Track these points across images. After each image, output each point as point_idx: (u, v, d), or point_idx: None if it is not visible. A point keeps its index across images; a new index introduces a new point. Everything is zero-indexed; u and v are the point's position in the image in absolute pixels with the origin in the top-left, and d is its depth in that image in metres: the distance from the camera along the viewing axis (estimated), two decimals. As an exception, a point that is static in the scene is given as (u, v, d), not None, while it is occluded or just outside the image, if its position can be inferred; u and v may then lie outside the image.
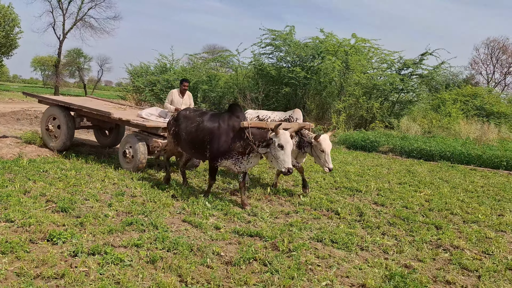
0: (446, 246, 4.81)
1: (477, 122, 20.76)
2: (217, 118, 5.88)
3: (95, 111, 7.95)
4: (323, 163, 6.30)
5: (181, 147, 6.33)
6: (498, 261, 4.42)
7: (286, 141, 5.31)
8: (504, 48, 32.85)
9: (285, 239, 4.47)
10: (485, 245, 4.92)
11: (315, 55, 19.38)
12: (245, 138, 5.55)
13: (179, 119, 6.28)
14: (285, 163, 5.28)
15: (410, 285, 3.56)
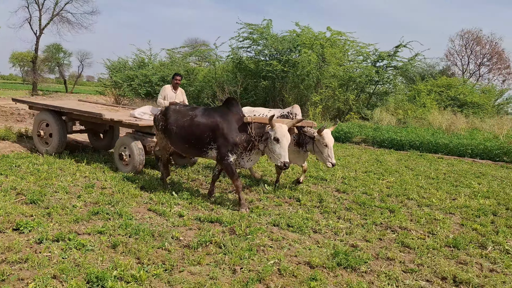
0: (395, 227, 5.18)
1: (450, 112, 21.35)
2: (214, 113, 5.70)
3: (86, 113, 7.83)
4: (325, 158, 6.17)
5: (172, 142, 6.05)
6: (439, 240, 4.79)
7: (282, 135, 5.23)
8: (478, 40, 33.70)
9: (243, 224, 4.77)
10: (431, 226, 5.30)
11: (291, 48, 19.67)
12: (248, 133, 5.47)
13: (168, 113, 6.01)
14: (281, 157, 5.19)
15: (351, 261, 3.89)
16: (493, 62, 33.75)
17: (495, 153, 12.01)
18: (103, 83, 21.84)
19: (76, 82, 51.64)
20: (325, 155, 6.16)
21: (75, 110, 7.96)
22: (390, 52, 21.08)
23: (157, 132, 6.27)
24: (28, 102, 9.09)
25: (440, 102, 24.51)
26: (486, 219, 5.82)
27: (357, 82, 20.10)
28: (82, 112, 7.90)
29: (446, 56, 35.37)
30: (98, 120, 7.83)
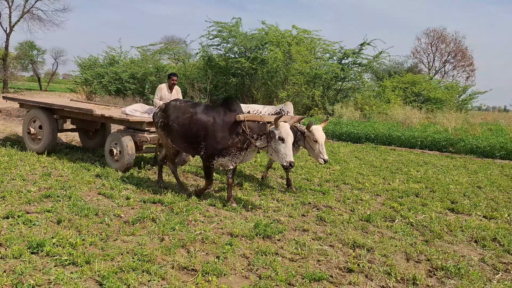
0: (320, 206, 5.81)
1: (410, 107, 22.30)
2: (212, 112, 5.58)
3: (76, 110, 7.84)
4: (317, 154, 6.13)
5: (172, 140, 5.93)
6: (356, 215, 5.44)
7: (287, 134, 5.19)
8: (443, 38, 35.01)
9: (181, 203, 5.33)
10: (354, 205, 5.96)
11: (259, 46, 20.26)
12: (241, 132, 5.38)
13: (169, 109, 5.90)
14: (286, 156, 5.15)
15: (268, 232, 4.49)
16: (457, 59, 35.16)
17: (442, 144, 12.85)
18: (74, 80, 22.04)
19: (51, 80, 51.12)
20: (316, 151, 6.12)
21: (65, 106, 7.99)
22: (355, 50, 21.88)
23: (157, 129, 6.18)
24: (19, 100, 9.13)
25: (405, 98, 25.53)
26: (407, 199, 6.52)
27: (323, 79, 20.82)
28: (73, 108, 7.91)
29: (413, 54, 36.65)
30: (88, 117, 7.86)
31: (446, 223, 5.31)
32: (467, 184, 7.96)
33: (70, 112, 8.06)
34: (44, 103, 8.33)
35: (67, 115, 8.29)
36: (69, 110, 7.94)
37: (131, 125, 7.38)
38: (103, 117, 7.54)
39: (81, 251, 3.70)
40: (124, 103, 15.82)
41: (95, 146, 9.28)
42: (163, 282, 3.29)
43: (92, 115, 7.60)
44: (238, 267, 3.66)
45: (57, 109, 8.09)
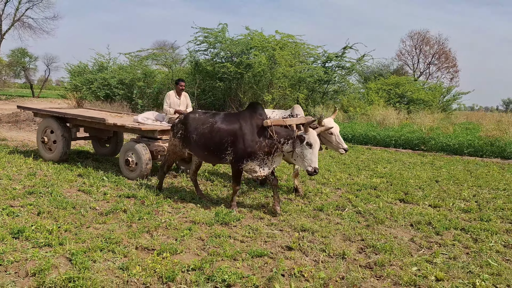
0: (281, 198, 6.38)
1: (391, 108, 23.01)
2: (237, 118, 5.69)
3: (89, 119, 7.89)
4: (336, 145, 6.18)
5: (192, 150, 6.01)
6: (311, 206, 6.03)
7: (315, 140, 5.25)
8: (427, 40, 35.87)
9: (152, 197, 5.90)
10: (314, 197, 6.55)
11: (245, 51, 20.86)
12: (269, 137, 5.46)
13: (188, 121, 5.97)
14: (312, 162, 5.21)
15: (227, 219, 5.07)
16: (441, 61, 36.01)
17: (415, 143, 13.50)
18: (64, 86, 22.54)
19: (43, 86, 51.50)
20: (335, 143, 6.17)
21: (78, 116, 8.09)
22: (338, 53, 22.56)
23: (173, 139, 6.18)
24: (33, 109, 9.28)
25: (388, 99, 26.26)
26: (364, 191, 7.11)
27: (307, 82, 21.46)
28: (86, 117, 7.97)
29: (398, 56, 37.50)
30: (101, 126, 7.90)
31: (390, 211, 5.90)
32: (426, 178, 8.57)
33: (83, 121, 8.14)
34: (58, 112, 8.43)
35: (80, 124, 8.37)
36: (82, 119, 8.04)
37: (143, 134, 7.37)
38: (115, 126, 7.56)
39: (56, 235, 4.25)
40: (111, 108, 16.36)
41: (108, 153, 9.38)
42: (125, 259, 3.85)
43: (104, 123, 7.64)
44: (193, 247, 4.23)
45: (70, 118, 8.20)
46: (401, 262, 4.08)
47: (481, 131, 14.38)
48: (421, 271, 3.87)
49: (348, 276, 3.68)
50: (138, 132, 7.47)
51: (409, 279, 3.66)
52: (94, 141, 9.63)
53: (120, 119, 8.28)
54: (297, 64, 22.14)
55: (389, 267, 3.93)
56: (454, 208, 6.32)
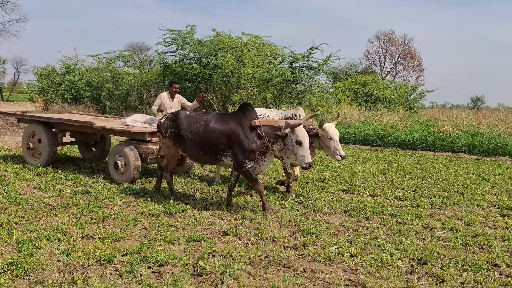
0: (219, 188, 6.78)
1: (364, 107, 23.78)
2: (231, 118, 5.69)
3: (76, 123, 7.81)
4: (333, 151, 6.18)
5: (184, 149, 5.89)
6: (257, 198, 6.44)
7: (303, 136, 5.31)
8: (392, 40, 37.03)
9: (105, 193, 6.21)
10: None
11: (212, 52, 21.20)
12: (258, 136, 5.51)
13: (179, 119, 5.85)
14: (305, 158, 5.28)
15: (172, 210, 5.43)
16: (406, 60, 37.23)
17: (373, 139, 14.12)
18: (31, 89, 22.40)
19: (13, 89, 50.53)
20: (332, 149, 6.17)
21: (64, 120, 7.98)
22: (305, 54, 23.15)
23: (164, 140, 6.01)
24: (17, 115, 9.20)
25: (356, 98, 27.05)
26: (311, 184, 7.58)
27: (274, 82, 21.95)
28: (72, 121, 7.88)
29: (365, 56, 38.56)
30: (88, 129, 7.80)
31: (330, 200, 6.37)
32: (374, 171, 9.11)
33: (69, 125, 8.04)
34: (43, 117, 8.35)
35: (66, 128, 8.29)
36: (69, 123, 7.95)
37: (133, 136, 7.27)
38: (103, 129, 7.48)
39: (5, 227, 4.53)
40: (76, 109, 16.46)
41: (95, 158, 9.28)
42: (69, 246, 4.17)
43: (92, 127, 7.55)
44: (135, 234, 4.58)
45: (57, 122, 8.09)
46: (324, 242, 4.53)
47: (435, 127, 15.12)
48: (339, 249, 4.33)
49: (272, 254, 4.09)
50: (127, 135, 7.34)
51: (326, 255, 4.11)
52: (80, 146, 9.52)
53: (108, 122, 8.16)
54: (265, 65, 22.62)
55: (312, 247, 4.37)
56: (391, 196, 6.84)
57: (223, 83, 21.36)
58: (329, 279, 3.65)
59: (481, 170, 9.66)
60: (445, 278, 3.70)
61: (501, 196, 7.12)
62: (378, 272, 3.80)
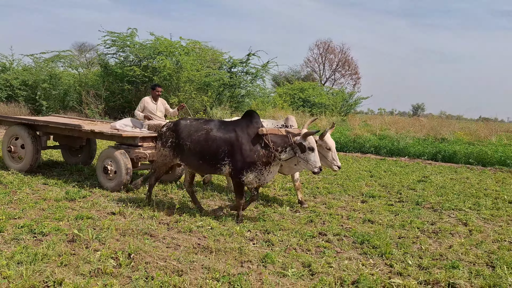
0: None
1: (301, 111, 25.20)
2: (233, 126, 5.58)
3: (63, 125, 7.49)
4: (331, 162, 6.15)
5: (184, 159, 5.80)
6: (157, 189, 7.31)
7: (314, 143, 5.36)
8: (331, 49, 39.23)
9: (16, 183, 6.87)
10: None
11: (152, 55, 21.83)
12: (264, 145, 5.40)
13: (179, 128, 5.78)
14: (316, 163, 5.32)
15: (75, 196, 6.20)
16: (344, 68, 39.51)
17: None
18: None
19: None
20: (330, 159, 6.14)
21: (51, 122, 7.70)
22: (243, 60, 24.27)
23: (162, 148, 5.94)
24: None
25: (292, 103, 28.53)
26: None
27: (212, 86, 22.89)
28: (59, 124, 7.57)
29: (306, 63, 40.55)
30: (75, 133, 7.55)
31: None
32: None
33: (55, 128, 7.71)
34: (27, 119, 8.08)
35: (51, 131, 7.96)
36: (55, 126, 7.64)
37: (123, 141, 7.05)
38: (92, 132, 7.26)
39: None
40: (7, 108, 16.60)
41: (79, 162, 8.95)
42: (-32, 222, 4.86)
43: (80, 130, 7.34)
44: (32, 214, 5.32)
45: (41, 125, 7.81)
46: (193, 220, 5.48)
47: (351, 130, 16.62)
48: (202, 224, 5.30)
49: (145, 228, 4.99)
50: (117, 139, 7.14)
51: (189, 228, 5.07)
52: (64, 150, 9.17)
53: (97, 126, 7.98)
54: (204, 69, 23.51)
55: (182, 223, 5.31)
56: (278, 188, 7.94)
57: (163, 86, 22.04)
58: (182, 243, 4.60)
59: (376, 168, 11.04)
60: (273, 242, 4.76)
61: (374, 187, 8.43)
62: (225, 239, 4.80)
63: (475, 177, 10.61)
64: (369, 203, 7.13)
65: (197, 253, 4.31)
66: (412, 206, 6.99)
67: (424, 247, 4.94)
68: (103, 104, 21.29)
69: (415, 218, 6.16)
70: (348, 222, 5.85)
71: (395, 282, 3.86)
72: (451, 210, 6.91)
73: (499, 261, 4.50)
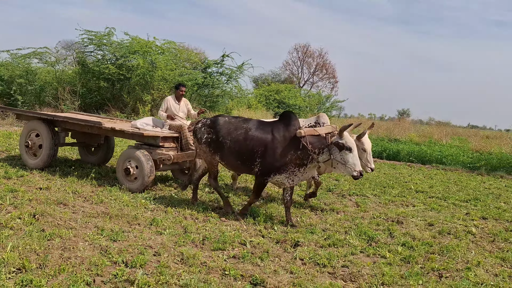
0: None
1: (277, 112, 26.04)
2: (270, 127, 5.44)
3: (83, 122, 7.34)
4: (364, 163, 5.87)
5: (222, 157, 5.65)
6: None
7: (352, 143, 5.10)
8: (309, 53, 40.30)
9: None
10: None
11: (127, 54, 22.57)
12: (301, 148, 5.22)
13: (217, 125, 5.64)
14: (355, 166, 5.01)
15: (13, 175, 6.95)
16: (323, 72, 40.58)
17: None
18: None
19: None
20: (364, 160, 5.85)
21: (70, 118, 7.54)
22: (217, 61, 25.11)
23: (200, 145, 5.85)
24: (15, 110, 8.85)
25: (268, 104, 29.39)
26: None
27: (186, 85, 23.67)
28: (79, 121, 7.44)
29: (284, 66, 41.64)
30: (95, 130, 7.36)
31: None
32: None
33: (74, 124, 7.55)
34: (46, 114, 7.95)
35: (70, 127, 7.76)
36: (74, 122, 7.48)
37: (144, 140, 6.87)
38: (113, 130, 7.07)
39: None
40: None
41: (96, 161, 8.74)
42: None
43: (100, 128, 7.13)
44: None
45: (60, 121, 7.62)
46: (115, 195, 6.27)
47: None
48: (115, 198, 6.08)
49: (62, 199, 5.75)
50: (138, 138, 6.96)
51: (100, 200, 5.84)
52: (81, 148, 8.98)
53: (118, 124, 7.77)
54: (178, 69, 24.29)
55: (97, 197, 6.08)
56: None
57: (138, 84, 22.79)
58: (88, 210, 5.37)
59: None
60: (168, 212, 5.56)
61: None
62: (128, 209, 5.56)
63: (408, 172, 11.52)
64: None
65: (96, 217, 5.09)
66: (324, 192, 7.81)
67: (304, 220, 5.77)
68: (79, 101, 21.96)
69: (316, 201, 6.99)
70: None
71: (254, 241, 4.68)
72: (355, 195, 7.76)
73: (353, 231, 5.35)
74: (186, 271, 3.74)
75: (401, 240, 5.07)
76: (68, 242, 4.20)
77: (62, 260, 3.74)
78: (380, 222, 5.95)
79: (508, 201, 8.30)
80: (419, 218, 6.39)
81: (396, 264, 4.35)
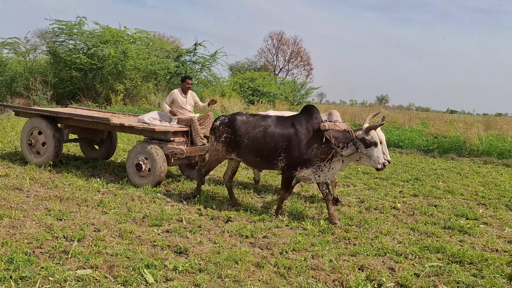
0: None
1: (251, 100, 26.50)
2: (291, 121, 5.53)
3: (89, 118, 7.13)
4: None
5: (241, 155, 5.75)
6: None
7: (376, 137, 5.23)
8: (284, 41, 40.71)
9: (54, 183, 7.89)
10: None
11: (98, 44, 22.62)
12: (325, 142, 5.30)
13: (236, 124, 5.69)
14: (379, 159, 5.20)
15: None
16: (298, 60, 41.08)
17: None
18: None
19: None
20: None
21: (75, 115, 7.38)
22: (190, 49, 25.34)
23: (216, 143, 5.88)
24: (15, 107, 8.65)
25: (243, 92, 29.77)
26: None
27: (158, 74, 23.89)
28: (84, 117, 7.22)
29: (260, 54, 41.98)
30: (101, 126, 7.23)
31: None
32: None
33: (79, 121, 7.38)
34: (49, 111, 7.72)
35: (75, 124, 7.57)
36: (79, 119, 7.31)
37: (155, 135, 6.78)
38: (121, 126, 6.94)
39: None
40: None
41: (99, 156, 8.66)
42: None
43: (108, 124, 7.01)
44: None
45: (64, 117, 7.49)
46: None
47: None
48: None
49: (18, 183, 6.15)
50: (148, 134, 6.88)
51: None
52: (82, 143, 8.88)
53: (126, 119, 7.66)
54: (150, 58, 24.44)
55: (52, 183, 6.49)
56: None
57: (109, 73, 22.90)
58: (41, 194, 5.78)
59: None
60: (118, 195, 6.02)
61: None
62: (80, 192, 6.00)
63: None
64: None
65: (48, 200, 5.51)
66: (272, 174, 8.36)
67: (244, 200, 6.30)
68: (51, 91, 22.00)
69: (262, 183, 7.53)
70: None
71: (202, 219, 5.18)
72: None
73: (287, 208, 5.91)
74: (120, 243, 4.23)
75: (327, 215, 5.63)
76: (17, 221, 4.63)
77: (7, 236, 4.19)
78: (315, 200, 6.53)
79: (446, 180, 8.98)
80: (354, 196, 7.00)
81: (313, 235, 4.91)
